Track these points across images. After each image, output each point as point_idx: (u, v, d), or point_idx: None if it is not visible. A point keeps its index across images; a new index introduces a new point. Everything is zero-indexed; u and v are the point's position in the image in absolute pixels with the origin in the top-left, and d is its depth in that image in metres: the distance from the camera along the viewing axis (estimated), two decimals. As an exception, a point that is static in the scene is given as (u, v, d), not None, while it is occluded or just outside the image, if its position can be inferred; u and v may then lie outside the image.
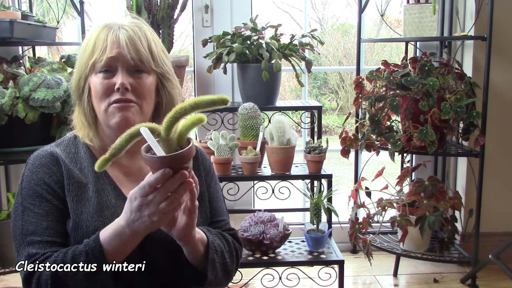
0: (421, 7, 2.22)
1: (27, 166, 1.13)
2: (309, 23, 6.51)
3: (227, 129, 2.33)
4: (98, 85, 1.11)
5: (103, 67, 1.11)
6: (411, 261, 2.46)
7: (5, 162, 2.01)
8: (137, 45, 1.11)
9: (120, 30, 1.12)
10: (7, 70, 1.98)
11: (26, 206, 1.08)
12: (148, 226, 0.94)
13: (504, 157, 2.48)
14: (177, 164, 0.90)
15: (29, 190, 1.09)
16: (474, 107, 2.08)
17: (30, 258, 1.02)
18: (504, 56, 2.40)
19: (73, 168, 1.12)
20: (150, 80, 1.14)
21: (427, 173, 2.47)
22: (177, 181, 0.90)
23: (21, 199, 1.09)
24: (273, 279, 2.04)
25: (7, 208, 2.11)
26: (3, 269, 2.01)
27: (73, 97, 1.18)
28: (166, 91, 1.17)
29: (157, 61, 1.14)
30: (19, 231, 1.07)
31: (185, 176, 0.90)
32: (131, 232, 0.95)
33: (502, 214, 2.50)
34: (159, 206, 0.91)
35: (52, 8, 2.44)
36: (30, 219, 1.06)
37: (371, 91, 2.18)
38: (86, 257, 0.97)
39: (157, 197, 0.90)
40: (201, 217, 1.21)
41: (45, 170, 1.11)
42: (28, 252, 1.03)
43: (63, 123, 2.01)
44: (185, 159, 0.92)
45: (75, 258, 0.98)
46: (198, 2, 2.45)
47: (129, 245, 0.98)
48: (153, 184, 0.90)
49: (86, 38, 1.17)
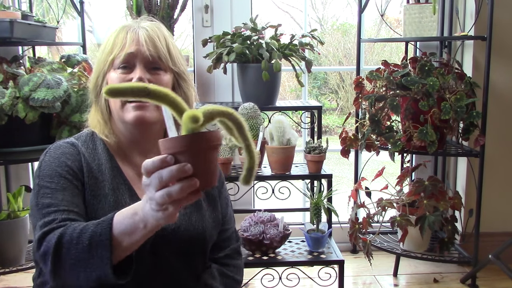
0: (421, 7, 2.22)
1: (48, 153, 1.11)
2: (309, 23, 6.51)
3: (227, 129, 2.33)
4: (115, 80, 1.12)
5: (122, 63, 1.12)
6: (411, 261, 2.46)
7: (5, 162, 2.01)
8: (156, 43, 1.13)
9: (139, 29, 1.14)
10: (7, 70, 1.98)
11: (43, 184, 1.05)
12: (153, 216, 0.82)
13: (504, 157, 2.48)
14: (183, 151, 0.77)
15: (48, 170, 1.07)
16: (474, 107, 2.08)
17: (46, 225, 0.97)
18: (504, 56, 2.40)
19: (91, 163, 1.11)
20: (167, 78, 1.15)
21: (427, 173, 2.47)
22: (173, 171, 0.76)
23: (38, 180, 1.06)
24: (273, 279, 2.04)
25: (7, 208, 2.11)
26: (3, 269, 2.01)
27: (91, 96, 1.19)
28: (182, 91, 1.17)
29: (174, 60, 1.16)
30: (35, 209, 1.03)
31: (183, 171, 0.76)
32: (140, 218, 0.85)
33: (502, 214, 2.50)
34: (155, 193, 0.78)
35: (52, 8, 2.44)
36: (46, 194, 1.03)
37: (371, 91, 2.18)
38: (95, 225, 0.91)
39: (152, 182, 0.78)
40: (213, 221, 1.22)
41: (67, 156, 1.10)
42: (43, 221, 0.99)
43: (63, 123, 2.01)
44: (190, 148, 0.77)
45: (85, 227, 0.92)
46: (198, 2, 2.45)
47: (138, 232, 0.87)
48: (148, 167, 0.78)
49: (104, 40, 1.18)
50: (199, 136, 0.77)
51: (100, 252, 0.87)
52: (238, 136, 0.82)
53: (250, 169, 0.82)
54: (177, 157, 0.77)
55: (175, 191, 0.76)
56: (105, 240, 0.87)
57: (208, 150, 0.79)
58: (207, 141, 0.78)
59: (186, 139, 0.77)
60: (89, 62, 2.19)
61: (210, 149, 0.79)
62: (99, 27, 4.91)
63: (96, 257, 0.87)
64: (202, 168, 0.78)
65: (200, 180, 0.78)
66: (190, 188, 0.77)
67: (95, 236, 0.88)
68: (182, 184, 0.76)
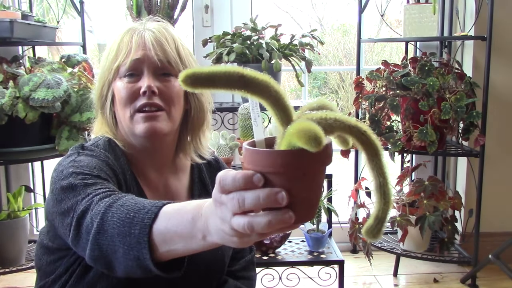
0: (421, 7, 2.22)
1: (80, 154, 0.99)
2: (309, 23, 6.51)
3: (227, 129, 2.33)
4: (122, 90, 1.02)
5: (128, 71, 1.02)
6: (411, 261, 2.46)
7: (5, 162, 2.02)
8: (164, 46, 1.03)
9: (145, 31, 1.04)
10: (7, 70, 1.98)
11: (81, 172, 0.91)
12: (224, 238, 0.62)
13: (504, 157, 2.48)
14: (280, 172, 0.55)
15: (87, 163, 0.94)
16: (474, 107, 2.08)
17: (95, 195, 0.84)
18: (504, 56, 2.40)
19: (119, 175, 1.01)
20: (178, 84, 1.06)
21: (427, 173, 2.47)
22: (261, 199, 0.55)
23: (72, 169, 0.92)
24: (273, 279, 2.04)
25: (7, 208, 2.11)
26: (3, 269, 2.01)
27: (96, 106, 1.10)
28: (195, 98, 1.08)
29: (185, 64, 1.06)
30: (71, 192, 0.88)
31: (274, 201, 0.55)
32: (201, 225, 0.66)
33: (502, 214, 2.50)
34: (231, 218, 0.58)
35: (52, 8, 2.44)
36: (86, 178, 0.90)
37: (371, 91, 2.18)
38: (148, 202, 0.78)
39: (229, 204, 0.58)
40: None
41: (102, 158, 1.00)
42: (89, 193, 0.85)
43: (63, 123, 2.01)
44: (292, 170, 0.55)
45: (139, 199, 0.80)
46: (198, 2, 2.45)
47: (184, 236, 0.69)
48: (227, 185, 0.58)
49: (109, 44, 1.09)
50: (308, 154, 0.53)
51: (138, 231, 0.74)
52: (369, 167, 0.58)
53: (380, 219, 0.58)
54: (267, 177, 0.56)
55: (260, 225, 0.56)
56: (148, 219, 0.74)
57: (315, 175, 0.57)
58: (318, 161, 0.56)
59: (289, 157, 0.54)
60: (89, 62, 2.19)
61: (317, 174, 0.58)
62: (99, 27, 4.91)
63: (133, 235, 0.74)
64: (302, 197, 0.56)
65: (296, 214, 0.56)
66: (281, 225, 0.56)
67: (142, 210, 0.76)
68: (271, 218, 0.55)
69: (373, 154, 0.57)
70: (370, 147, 0.56)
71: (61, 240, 0.96)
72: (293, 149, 0.54)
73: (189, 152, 1.14)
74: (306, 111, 0.61)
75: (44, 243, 1.03)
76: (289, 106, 0.58)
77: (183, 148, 1.13)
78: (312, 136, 0.50)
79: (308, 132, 0.50)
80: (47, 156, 2.02)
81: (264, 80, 0.56)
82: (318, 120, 0.55)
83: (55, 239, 0.99)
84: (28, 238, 2.14)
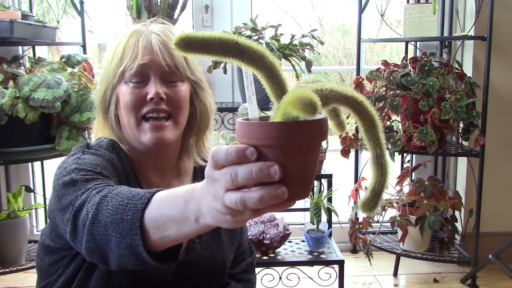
0: (421, 7, 2.22)
1: (85, 152, 0.99)
2: (309, 23, 6.51)
3: (227, 129, 2.33)
4: (128, 95, 1.00)
5: (134, 76, 1.00)
6: (411, 261, 2.46)
7: (5, 162, 2.01)
8: (171, 50, 1.00)
9: (151, 35, 1.02)
10: (7, 70, 1.98)
11: (83, 168, 0.91)
12: (216, 218, 0.60)
13: (504, 157, 2.48)
14: (274, 145, 0.53)
15: (90, 160, 0.94)
16: (474, 107, 2.08)
17: (93, 188, 0.84)
18: (504, 56, 2.40)
19: (122, 177, 1.01)
20: (185, 89, 1.04)
21: (427, 173, 2.47)
22: (253, 173, 0.54)
23: (75, 165, 0.92)
24: (273, 279, 2.04)
25: (7, 208, 2.11)
26: (3, 269, 2.01)
27: (98, 110, 1.07)
28: (200, 101, 1.08)
29: (192, 68, 1.05)
30: (72, 186, 0.87)
31: (267, 174, 0.54)
32: (194, 207, 0.64)
33: (502, 214, 2.50)
34: (224, 194, 0.57)
35: (52, 8, 2.44)
36: (88, 173, 0.89)
37: (371, 91, 2.18)
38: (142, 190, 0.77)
39: (221, 179, 0.56)
40: (232, 244, 1.16)
41: (107, 158, 0.99)
42: (88, 187, 0.85)
43: (63, 123, 2.01)
44: (287, 142, 0.53)
45: (132, 189, 0.79)
46: (198, 2, 2.45)
47: (176, 220, 0.67)
48: (220, 159, 0.56)
49: (112, 46, 1.06)
50: (303, 126, 0.53)
51: (130, 217, 0.72)
52: (366, 138, 0.57)
53: (377, 192, 0.58)
54: (261, 151, 0.54)
55: (252, 200, 0.54)
56: (141, 204, 0.73)
57: (310, 149, 0.55)
58: (313, 135, 0.54)
59: (284, 129, 0.52)
60: (89, 62, 2.19)
61: (312, 148, 0.56)
62: (99, 27, 4.91)
63: (125, 222, 0.73)
64: (296, 172, 0.55)
65: (289, 190, 0.54)
66: (274, 200, 0.54)
67: (136, 197, 0.75)
68: (263, 193, 0.54)
69: (370, 125, 0.56)
70: (366, 117, 0.55)
71: (63, 240, 0.96)
72: (288, 121, 0.53)
73: (193, 155, 1.14)
74: (301, 84, 0.59)
75: (46, 243, 1.03)
76: (284, 79, 0.56)
77: (186, 151, 1.13)
78: (307, 102, 0.49)
79: (303, 98, 0.49)
80: (47, 156, 2.02)
81: (259, 49, 0.56)
82: (314, 91, 0.53)
83: (57, 238, 0.99)
84: (28, 238, 2.14)
